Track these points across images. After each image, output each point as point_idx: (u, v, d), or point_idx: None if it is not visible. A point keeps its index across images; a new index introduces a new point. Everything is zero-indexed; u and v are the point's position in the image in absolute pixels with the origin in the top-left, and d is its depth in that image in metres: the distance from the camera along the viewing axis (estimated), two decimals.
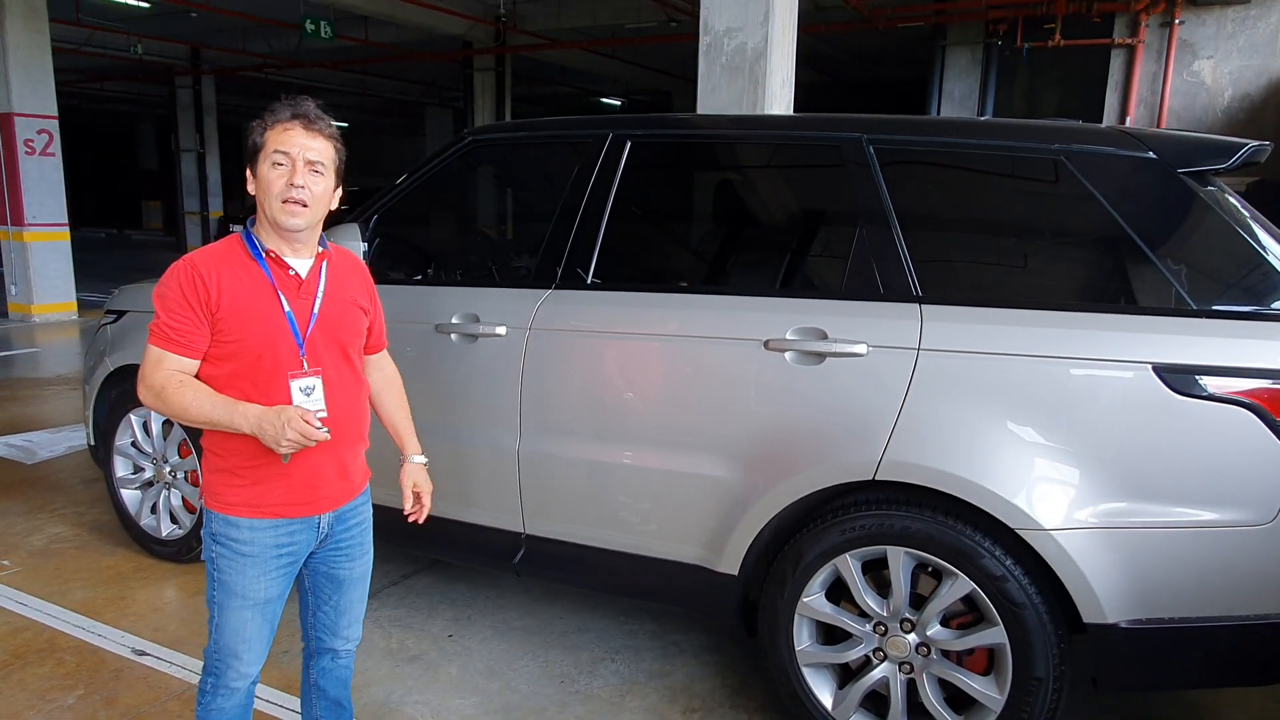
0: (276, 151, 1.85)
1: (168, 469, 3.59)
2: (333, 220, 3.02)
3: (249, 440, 1.86)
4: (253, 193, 1.91)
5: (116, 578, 3.57)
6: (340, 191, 2.00)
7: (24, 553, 3.80)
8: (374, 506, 2.22)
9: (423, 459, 2.27)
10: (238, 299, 1.85)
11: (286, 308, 1.90)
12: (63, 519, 4.19)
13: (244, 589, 1.93)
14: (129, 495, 3.73)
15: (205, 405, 1.83)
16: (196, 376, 1.90)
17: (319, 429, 1.81)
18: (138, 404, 3.56)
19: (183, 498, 3.60)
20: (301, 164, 1.86)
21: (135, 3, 13.28)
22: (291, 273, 1.93)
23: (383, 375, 2.26)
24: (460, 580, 3.61)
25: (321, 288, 1.97)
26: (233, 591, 1.93)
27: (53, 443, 5.37)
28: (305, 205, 1.87)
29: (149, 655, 2.97)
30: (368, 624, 3.19)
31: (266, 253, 1.91)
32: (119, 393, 3.63)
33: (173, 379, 1.83)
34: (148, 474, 3.66)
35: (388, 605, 3.39)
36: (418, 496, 2.24)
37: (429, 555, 3.62)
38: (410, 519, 2.24)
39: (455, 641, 3.15)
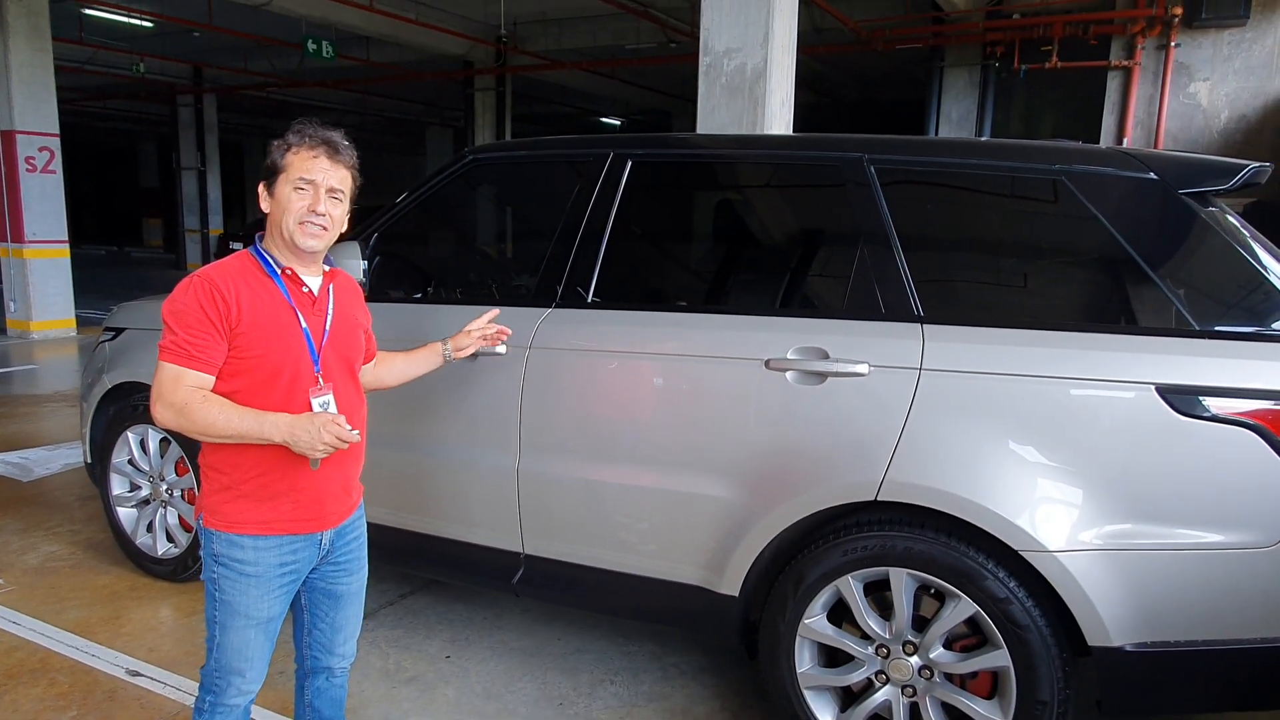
0: (301, 178, 1.90)
1: (164, 487, 3.56)
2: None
3: (259, 457, 1.87)
4: (265, 210, 1.94)
5: (111, 597, 3.54)
6: (350, 213, 2.03)
7: (18, 571, 3.77)
8: (371, 525, 2.21)
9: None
10: (258, 315, 1.86)
11: (304, 324, 1.92)
12: (58, 537, 4.16)
13: (247, 609, 1.92)
14: (125, 513, 3.70)
15: (233, 418, 1.82)
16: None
17: (351, 430, 1.84)
18: (135, 421, 3.54)
19: (179, 516, 3.58)
20: (324, 191, 1.91)
21: (138, 22, 13.36)
22: (305, 290, 1.96)
23: (376, 361, 2.34)
24: (458, 600, 3.58)
25: (331, 305, 2.00)
26: (236, 611, 1.92)
27: (49, 460, 5.34)
28: (325, 230, 1.92)
29: (143, 676, 2.94)
30: (364, 644, 3.17)
31: (283, 270, 1.92)
32: (116, 410, 3.61)
33: (194, 395, 1.82)
34: (144, 492, 3.64)
35: (385, 625, 3.36)
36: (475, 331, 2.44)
37: (427, 575, 3.59)
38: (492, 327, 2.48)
39: (453, 662, 3.12)
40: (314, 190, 1.90)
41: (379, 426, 2.38)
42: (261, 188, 1.95)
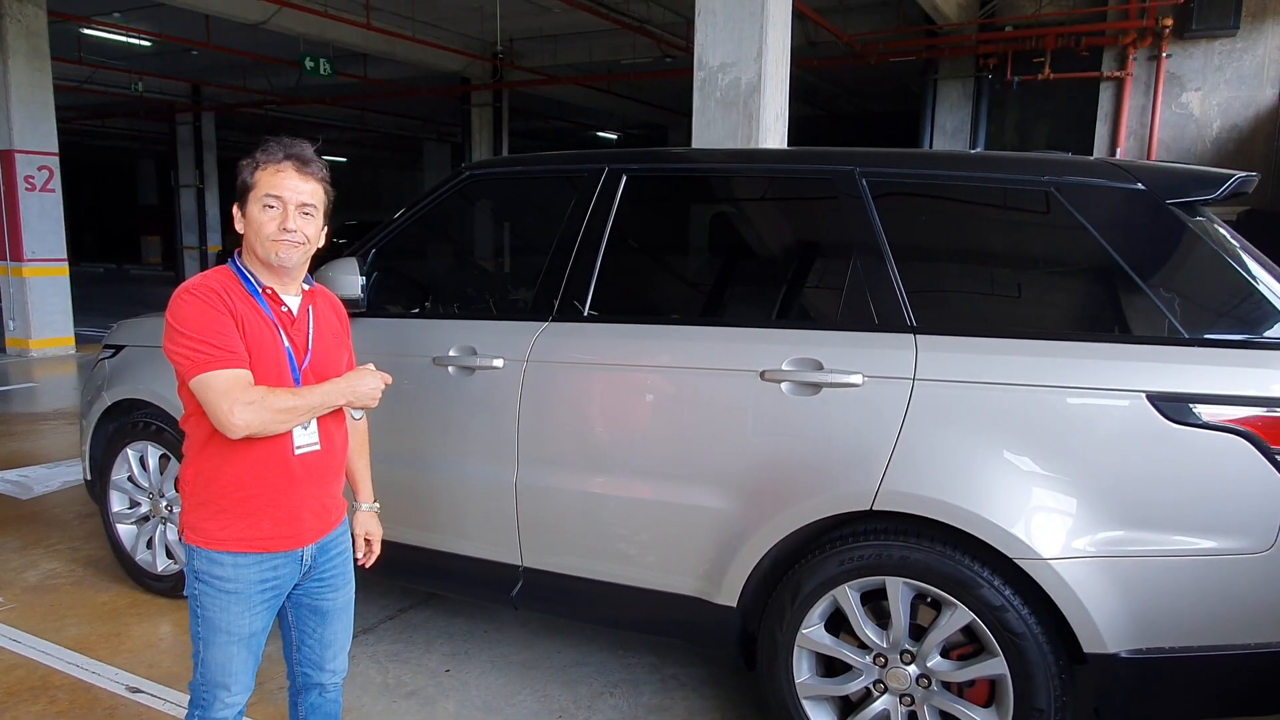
0: (268, 195, 1.87)
1: (164, 503, 3.57)
2: (331, 254, 3.05)
3: (237, 474, 1.88)
4: (240, 230, 1.93)
5: (111, 614, 3.54)
6: (326, 229, 2.02)
7: (18, 589, 3.77)
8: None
9: (375, 506, 2.31)
10: (246, 329, 1.87)
11: (286, 342, 1.93)
12: (58, 554, 4.16)
13: (228, 625, 1.92)
14: (125, 530, 3.71)
15: (302, 395, 1.87)
16: (186, 408, 1.92)
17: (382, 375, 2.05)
18: (135, 438, 3.55)
19: (178, 532, 3.58)
20: (294, 208, 1.88)
21: (137, 41, 13.45)
22: (284, 309, 1.96)
23: (351, 417, 2.25)
24: (457, 614, 3.58)
25: (311, 324, 2.01)
26: (217, 628, 1.92)
27: (49, 478, 5.34)
28: (300, 245, 1.91)
29: (143, 693, 2.94)
30: (364, 658, 3.17)
31: (264, 289, 1.93)
32: (116, 427, 3.62)
33: (259, 389, 1.82)
34: (144, 509, 3.64)
35: (384, 640, 3.37)
36: (369, 543, 2.28)
37: (426, 589, 3.59)
38: (360, 564, 2.27)
39: (452, 676, 3.12)
40: (283, 207, 1.87)
41: (376, 441, 2.39)
42: (235, 208, 1.93)
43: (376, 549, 2.30)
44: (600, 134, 22.70)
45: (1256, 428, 2.05)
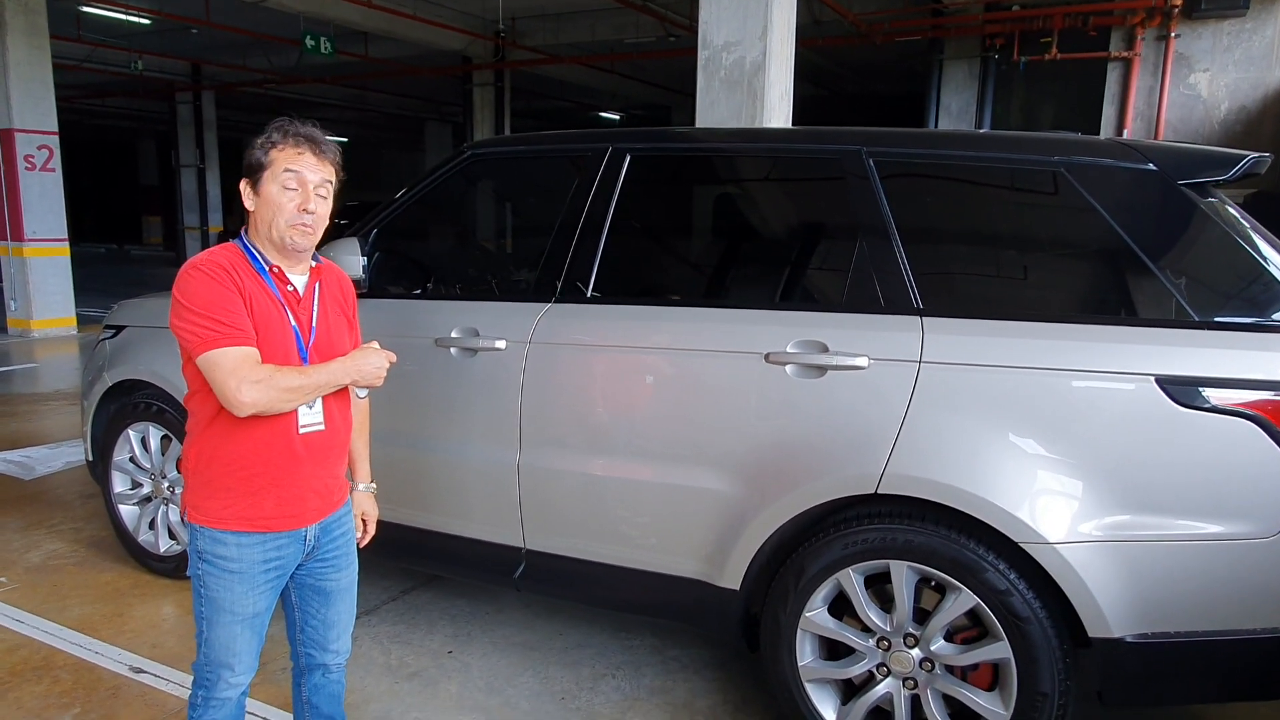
0: (288, 172, 1.88)
1: (166, 484, 3.57)
2: (332, 234, 3.04)
3: (244, 453, 1.88)
4: (250, 207, 1.92)
5: (114, 594, 3.55)
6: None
7: (21, 569, 3.78)
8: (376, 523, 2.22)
9: (372, 486, 2.32)
10: (253, 307, 1.87)
11: (292, 321, 1.92)
12: (60, 535, 4.16)
13: (232, 605, 1.93)
14: (127, 511, 3.71)
15: (309, 374, 1.87)
16: (190, 386, 1.91)
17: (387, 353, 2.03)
18: (136, 419, 3.54)
19: (181, 512, 3.58)
20: (312, 189, 1.90)
21: (136, 19, 13.34)
22: (290, 288, 1.96)
23: (355, 396, 2.25)
24: (460, 596, 3.59)
25: (316, 303, 2.00)
26: (221, 608, 1.93)
27: (51, 458, 5.35)
28: (314, 229, 1.92)
29: (146, 673, 2.95)
30: (366, 640, 3.18)
31: (271, 268, 1.92)
32: (118, 408, 3.61)
33: (267, 367, 1.82)
34: (146, 489, 3.64)
35: (387, 621, 3.37)
36: (364, 523, 2.29)
37: (428, 570, 3.59)
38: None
39: (455, 658, 3.12)
40: (303, 189, 1.88)
41: (378, 422, 2.38)
42: (245, 185, 1.92)
43: (372, 530, 2.30)
44: (603, 114, 22.54)
45: (1266, 411, 2.03)
